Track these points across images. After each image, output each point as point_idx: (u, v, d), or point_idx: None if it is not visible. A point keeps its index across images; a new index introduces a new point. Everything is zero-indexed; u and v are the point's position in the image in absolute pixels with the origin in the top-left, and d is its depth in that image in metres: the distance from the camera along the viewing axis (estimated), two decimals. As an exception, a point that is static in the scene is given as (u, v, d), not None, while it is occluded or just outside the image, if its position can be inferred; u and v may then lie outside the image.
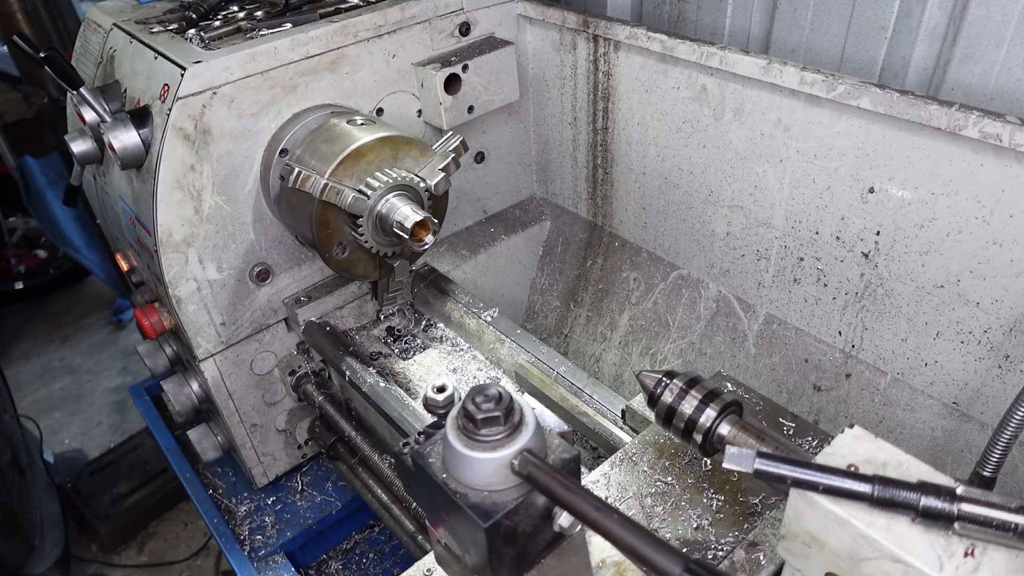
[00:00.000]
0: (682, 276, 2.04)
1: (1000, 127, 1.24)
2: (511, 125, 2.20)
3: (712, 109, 1.72)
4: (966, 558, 0.62)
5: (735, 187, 1.77)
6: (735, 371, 1.90)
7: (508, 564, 0.80)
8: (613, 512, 0.69)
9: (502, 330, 1.71)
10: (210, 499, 2.15)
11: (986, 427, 1.51)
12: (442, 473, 0.80)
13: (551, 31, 2.01)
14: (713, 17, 1.90)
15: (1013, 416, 1.06)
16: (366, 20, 1.71)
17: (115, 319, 4.64)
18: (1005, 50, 1.42)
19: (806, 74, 1.48)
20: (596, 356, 2.24)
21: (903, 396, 1.63)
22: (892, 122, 1.41)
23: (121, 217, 1.82)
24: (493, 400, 0.76)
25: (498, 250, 2.27)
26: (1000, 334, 1.43)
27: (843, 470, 0.67)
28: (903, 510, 0.65)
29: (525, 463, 0.75)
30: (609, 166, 2.09)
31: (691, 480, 1.15)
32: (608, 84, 1.96)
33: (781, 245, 1.74)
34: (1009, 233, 1.33)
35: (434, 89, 1.83)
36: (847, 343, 1.70)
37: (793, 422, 1.20)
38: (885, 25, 1.57)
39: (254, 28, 1.65)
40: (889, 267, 1.54)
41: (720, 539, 1.06)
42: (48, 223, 3.95)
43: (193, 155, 1.54)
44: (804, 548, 0.71)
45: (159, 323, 1.79)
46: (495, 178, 2.26)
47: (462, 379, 1.68)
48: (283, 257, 1.78)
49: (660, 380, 1.02)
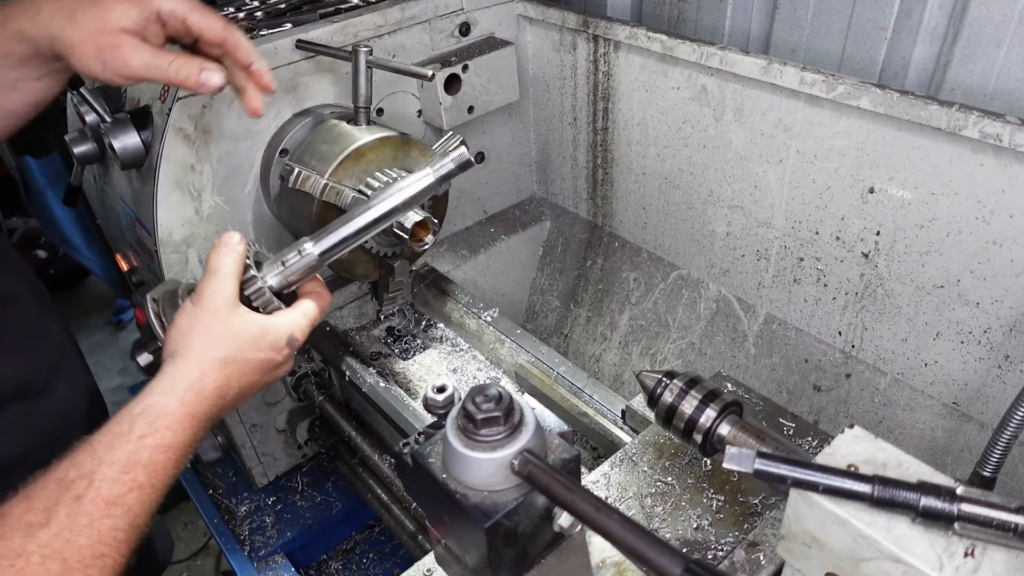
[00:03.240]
0: (682, 276, 2.04)
1: (1000, 127, 1.24)
2: (511, 125, 2.20)
3: (712, 109, 1.72)
4: (966, 558, 0.62)
5: (735, 187, 1.77)
6: (735, 371, 1.90)
7: (508, 564, 0.80)
8: (613, 512, 0.69)
9: (502, 330, 1.71)
10: (210, 499, 2.15)
11: (986, 427, 1.51)
12: (442, 473, 0.80)
13: (551, 31, 2.01)
14: (713, 17, 1.90)
15: (1013, 416, 1.06)
16: (366, 20, 1.71)
17: (115, 319, 4.64)
18: (1005, 50, 1.42)
19: (806, 74, 1.48)
20: (596, 356, 2.24)
21: (903, 396, 1.63)
22: (892, 122, 1.41)
23: (121, 217, 1.82)
24: (493, 400, 0.76)
25: (498, 250, 2.27)
26: (1000, 334, 1.43)
27: (843, 470, 0.67)
28: (903, 510, 0.65)
29: (525, 463, 0.75)
30: (609, 166, 2.09)
31: (691, 480, 1.15)
32: (608, 84, 1.96)
33: (781, 245, 1.74)
34: (1009, 233, 1.33)
35: (434, 89, 1.83)
36: (847, 343, 1.70)
37: (793, 422, 1.20)
38: (885, 25, 1.57)
39: (254, 28, 1.65)
40: (889, 267, 1.54)
41: (720, 539, 1.06)
42: (48, 223, 3.94)
43: (193, 155, 1.54)
44: (804, 548, 0.72)
45: (159, 323, 1.79)
46: (495, 178, 2.26)
47: (462, 379, 1.68)
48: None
49: (660, 380, 1.02)
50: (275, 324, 1.01)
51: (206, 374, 0.94)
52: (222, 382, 0.95)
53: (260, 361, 0.99)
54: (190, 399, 0.92)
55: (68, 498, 0.79)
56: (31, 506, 0.78)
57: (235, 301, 0.98)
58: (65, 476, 0.81)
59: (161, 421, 0.88)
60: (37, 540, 0.75)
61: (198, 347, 0.95)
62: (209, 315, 0.96)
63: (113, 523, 0.80)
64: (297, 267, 1.05)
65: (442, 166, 1.12)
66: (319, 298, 1.08)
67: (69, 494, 0.79)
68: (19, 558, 0.74)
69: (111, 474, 0.82)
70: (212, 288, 0.97)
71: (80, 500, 0.79)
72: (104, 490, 0.81)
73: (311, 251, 1.06)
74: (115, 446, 0.84)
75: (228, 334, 0.96)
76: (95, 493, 0.80)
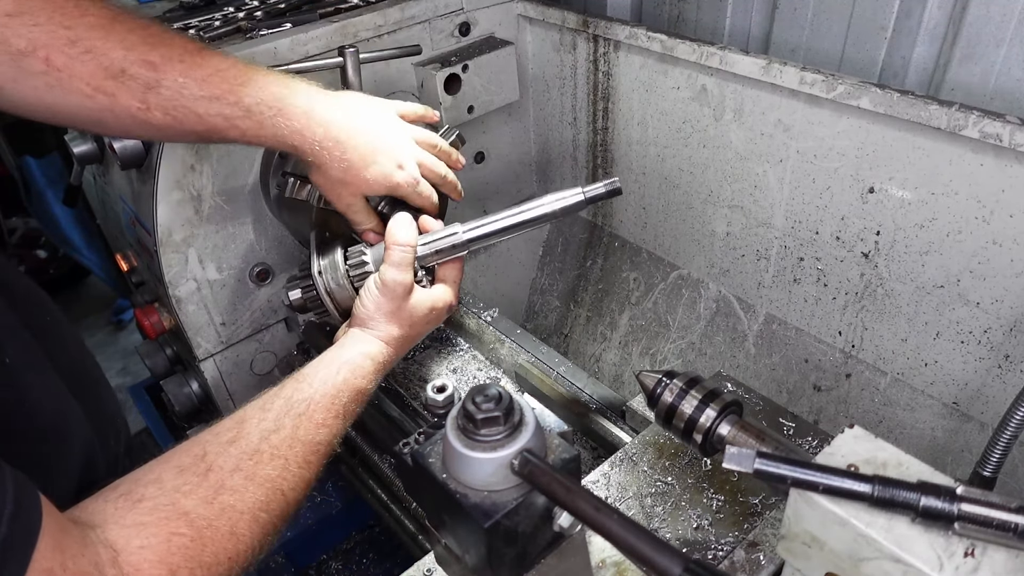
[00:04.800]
0: (682, 276, 2.04)
1: (1000, 127, 1.24)
2: (511, 125, 2.20)
3: (712, 109, 1.72)
4: (966, 558, 0.62)
5: (735, 187, 1.77)
6: (735, 371, 1.90)
7: (508, 564, 0.80)
8: (613, 512, 0.69)
9: (502, 330, 1.71)
10: (210, 499, 2.14)
11: (986, 427, 1.51)
12: (442, 473, 0.80)
13: (551, 31, 2.01)
14: (713, 17, 1.90)
15: (1013, 416, 1.06)
16: (366, 20, 1.71)
17: (115, 319, 4.63)
18: (1005, 50, 1.42)
19: (806, 74, 1.48)
20: (596, 356, 2.24)
21: (903, 396, 1.63)
22: (892, 122, 1.41)
23: (121, 217, 1.82)
24: (493, 400, 0.76)
25: (498, 250, 2.27)
26: (1000, 334, 1.43)
27: (843, 470, 0.67)
28: (903, 510, 0.65)
29: (525, 463, 0.75)
30: (609, 166, 2.09)
31: (691, 480, 1.15)
32: (608, 84, 1.96)
33: (781, 245, 1.74)
34: (1009, 233, 1.33)
35: (434, 89, 1.83)
36: (847, 343, 1.70)
37: (793, 422, 1.20)
38: (885, 25, 1.57)
39: (254, 28, 1.64)
40: (889, 267, 1.54)
41: (720, 539, 1.06)
42: (48, 223, 3.94)
43: (193, 155, 1.54)
44: (804, 548, 0.71)
45: (159, 323, 1.79)
46: (495, 178, 2.26)
47: (462, 379, 1.68)
48: (283, 257, 1.78)
49: (660, 380, 1.02)
50: (438, 298, 1.24)
51: (390, 344, 1.18)
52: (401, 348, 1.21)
53: (426, 328, 1.25)
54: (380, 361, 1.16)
55: (294, 413, 1.00)
56: (264, 416, 0.98)
57: (412, 287, 1.19)
58: (291, 396, 1.02)
59: (359, 371, 1.11)
60: (269, 442, 0.95)
61: (383, 324, 1.18)
62: (391, 302, 1.17)
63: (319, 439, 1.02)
64: (447, 252, 1.25)
65: (593, 189, 1.22)
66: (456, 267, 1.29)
67: (295, 411, 1.00)
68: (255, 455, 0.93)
69: (323, 402, 1.04)
70: (395, 279, 1.16)
71: (301, 417, 1.00)
72: (318, 414, 1.03)
73: (461, 239, 1.25)
74: (327, 382, 1.07)
75: (405, 315, 1.19)
76: (312, 414, 1.02)
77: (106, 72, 1.03)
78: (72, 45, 1.01)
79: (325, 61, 1.54)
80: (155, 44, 1.07)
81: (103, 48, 1.03)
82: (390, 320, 1.18)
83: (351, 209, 1.30)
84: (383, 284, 1.17)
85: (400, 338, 1.19)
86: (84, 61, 1.02)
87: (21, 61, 0.99)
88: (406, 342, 1.22)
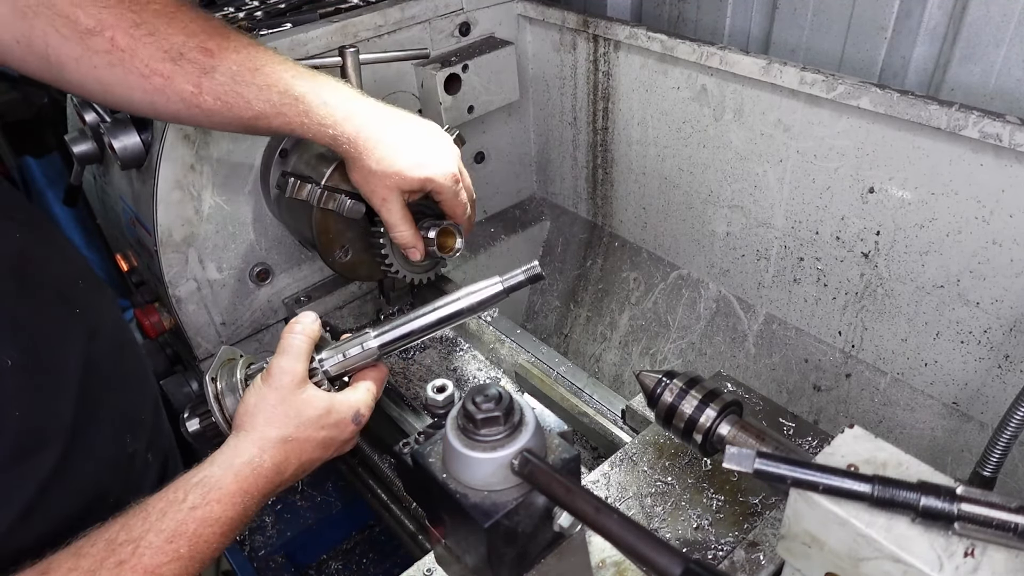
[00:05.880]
0: (682, 276, 2.04)
1: (1000, 127, 1.24)
2: (511, 125, 2.20)
3: (712, 109, 1.72)
4: (966, 558, 0.62)
5: (735, 187, 1.77)
6: (735, 371, 1.90)
7: (508, 564, 0.80)
8: (613, 512, 0.69)
9: (502, 330, 1.71)
10: (210, 499, 2.14)
11: (986, 427, 1.51)
12: (442, 473, 0.80)
13: (551, 31, 2.01)
14: (713, 17, 1.90)
15: (1013, 416, 1.06)
16: (366, 20, 1.71)
17: (115, 319, 4.62)
18: (1005, 50, 1.42)
19: (806, 74, 1.48)
20: (596, 356, 2.24)
21: (903, 396, 1.63)
22: (892, 122, 1.41)
23: (121, 217, 1.82)
24: (493, 400, 0.76)
25: (498, 250, 2.27)
26: (1000, 334, 1.43)
27: (843, 470, 0.67)
28: (903, 510, 0.65)
29: (525, 463, 0.75)
30: (609, 166, 2.09)
31: (691, 480, 1.15)
32: (608, 84, 1.96)
33: (781, 245, 1.74)
34: (1009, 233, 1.33)
35: (434, 89, 1.83)
36: (847, 343, 1.70)
37: (793, 422, 1.20)
38: (885, 25, 1.57)
39: (254, 28, 1.65)
40: (889, 267, 1.54)
41: (720, 539, 1.06)
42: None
43: (193, 155, 1.54)
44: (804, 548, 0.72)
45: (159, 323, 1.79)
46: (495, 178, 2.26)
47: (462, 379, 1.68)
48: (283, 257, 1.78)
49: (660, 380, 1.02)
50: (340, 402, 1.04)
51: (265, 451, 0.95)
52: (280, 459, 0.97)
53: (322, 439, 1.01)
54: (246, 475, 0.93)
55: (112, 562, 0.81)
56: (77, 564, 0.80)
57: (303, 379, 1.01)
58: (115, 538, 0.84)
59: (213, 494, 0.89)
60: None
61: (260, 424, 0.97)
62: (275, 393, 0.99)
63: None
64: (357, 358, 1.09)
65: (511, 277, 1.16)
66: (378, 372, 1.12)
67: (113, 558, 0.82)
68: None
69: (156, 542, 0.84)
70: (282, 367, 1.00)
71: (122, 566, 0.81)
72: (146, 558, 0.83)
73: (372, 346, 1.10)
74: (166, 514, 0.86)
75: (292, 412, 0.98)
76: (137, 560, 0.82)
77: (166, 55, 1.06)
78: (137, 27, 1.04)
79: (325, 61, 1.54)
80: (213, 34, 1.10)
81: (166, 32, 1.06)
82: (270, 418, 0.97)
83: (385, 206, 1.27)
84: (269, 373, 1.00)
85: (279, 441, 0.96)
86: (146, 43, 1.05)
87: (88, 40, 1.03)
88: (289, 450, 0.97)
